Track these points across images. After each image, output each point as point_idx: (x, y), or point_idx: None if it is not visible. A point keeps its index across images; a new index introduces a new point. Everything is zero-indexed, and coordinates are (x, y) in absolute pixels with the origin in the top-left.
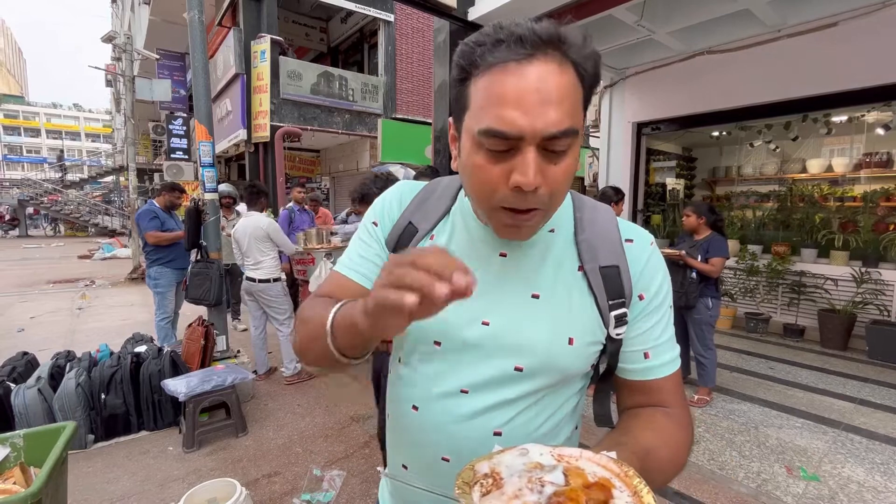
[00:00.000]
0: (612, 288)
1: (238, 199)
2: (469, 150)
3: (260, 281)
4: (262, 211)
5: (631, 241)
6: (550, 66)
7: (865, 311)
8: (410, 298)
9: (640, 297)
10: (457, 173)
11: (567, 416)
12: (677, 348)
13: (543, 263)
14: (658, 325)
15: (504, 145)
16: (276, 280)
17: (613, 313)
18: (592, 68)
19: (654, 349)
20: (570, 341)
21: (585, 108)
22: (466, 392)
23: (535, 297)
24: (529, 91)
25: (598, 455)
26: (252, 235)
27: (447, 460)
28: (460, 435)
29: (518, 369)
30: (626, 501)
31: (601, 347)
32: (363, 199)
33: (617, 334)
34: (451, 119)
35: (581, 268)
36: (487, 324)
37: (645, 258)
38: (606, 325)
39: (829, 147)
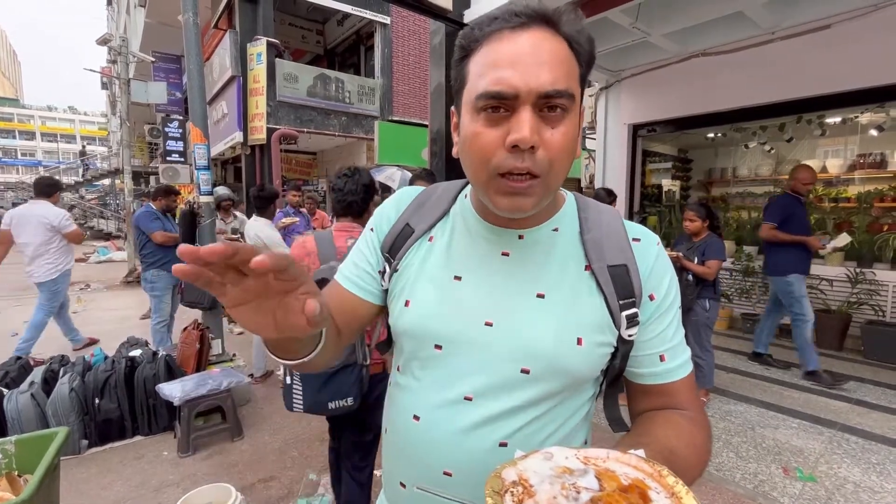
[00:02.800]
0: (621, 287)
1: (234, 201)
2: (468, 122)
3: None
4: (270, 217)
5: (638, 240)
6: (544, 34)
7: (861, 312)
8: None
9: (651, 298)
10: (453, 168)
11: (577, 426)
12: (689, 350)
13: (548, 262)
14: (671, 326)
15: (501, 106)
16: None
17: (625, 313)
18: (587, 45)
19: (669, 351)
20: (579, 341)
21: (582, 86)
22: (471, 399)
23: (541, 296)
24: (523, 53)
25: (627, 455)
26: (251, 241)
27: (449, 475)
28: (464, 446)
29: (525, 372)
30: (664, 502)
31: (612, 350)
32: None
33: (629, 335)
34: (452, 108)
35: (588, 267)
36: (491, 324)
37: (653, 257)
38: (618, 326)
39: (824, 148)
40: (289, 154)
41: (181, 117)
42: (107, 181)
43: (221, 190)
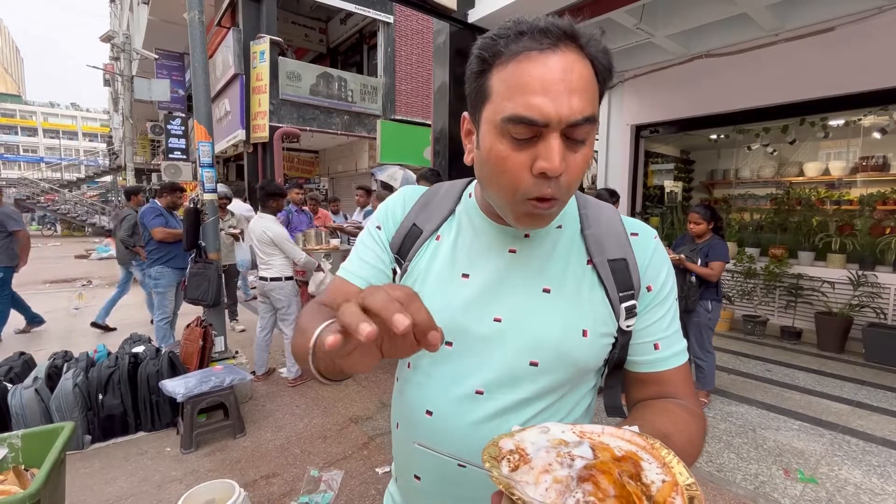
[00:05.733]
0: (621, 280)
1: (231, 199)
2: (491, 140)
3: (271, 279)
4: (274, 213)
5: (636, 234)
6: (573, 57)
7: (862, 314)
8: (366, 327)
9: (648, 289)
10: (469, 168)
11: (580, 417)
12: (684, 341)
13: (552, 258)
14: (666, 316)
15: (529, 132)
16: (287, 279)
17: (624, 305)
18: (607, 63)
19: (663, 340)
20: (584, 333)
21: (599, 103)
22: (482, 393)
23: (546, 291)
24: (555, 79)
25: (621, 430)
26: (258, 238)
27: (463, 467)
28: (477, 439)
29: (533, 364)
30: (656, 472)
31: (613, 340)
32: None
33: (627, 326)
34: (465, 114)
35: (590, 261)
36: (500, 320)
37: (651, 251)
38: (617, 317)
39: (826, 150)
40: (291, 152)
41: (183, 115)
42: (108, 178)
43: (219, 187)
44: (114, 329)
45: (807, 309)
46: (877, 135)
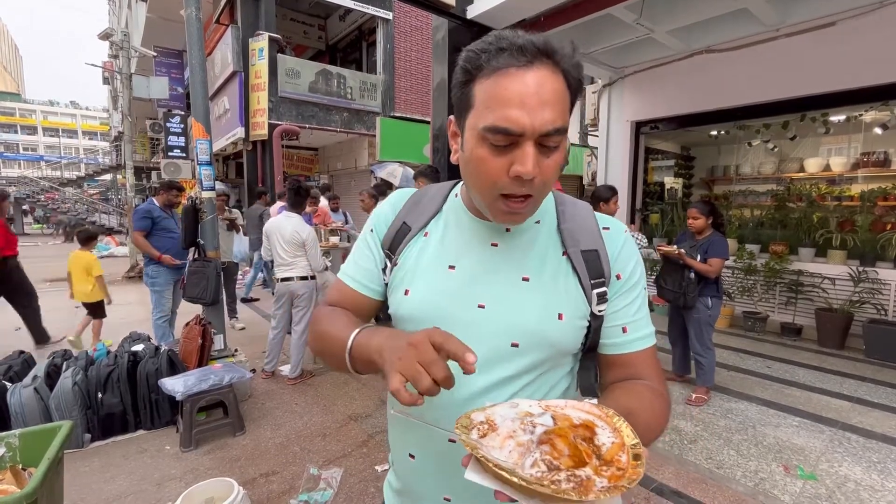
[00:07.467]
0: (593, 269)
1: (230, 198)
2: (473, 145)
3: (299, 278)
4: (300, 213)
5: (608, 228)
6: (546, 73)
7: (862, 311)
8: (426, 384)
9: (618, 277)
10: (457, 166)
11: (560, 396)
12: (652, 327)
13: (531, 250)
14: (634, 302)
15: (507, 140)
16: (311, 277)
17: (595, 291)
18: (577, 75)
19: (631, 324)
20: (560, 317)
21: (570, 111)
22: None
23: (526, 280)
24: (530, 94)
25: (582, 403)
26: (287, 238)
27: (453, 442)
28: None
29: (514, 345)
30: (607, 436)
31: (587, 324)
32: None
33: (599, 311)
34: (451, 117)
35: (565, 252)
36: (483, 306)
37: (620, 243)
38: (590, 302)
39: (827, 146)
40: (290, 150)
41: (183, 112)
42: (108, 176)
43: (218, 186)
44: (257, 300)
45: (807, 305)
46: (878, 130)
